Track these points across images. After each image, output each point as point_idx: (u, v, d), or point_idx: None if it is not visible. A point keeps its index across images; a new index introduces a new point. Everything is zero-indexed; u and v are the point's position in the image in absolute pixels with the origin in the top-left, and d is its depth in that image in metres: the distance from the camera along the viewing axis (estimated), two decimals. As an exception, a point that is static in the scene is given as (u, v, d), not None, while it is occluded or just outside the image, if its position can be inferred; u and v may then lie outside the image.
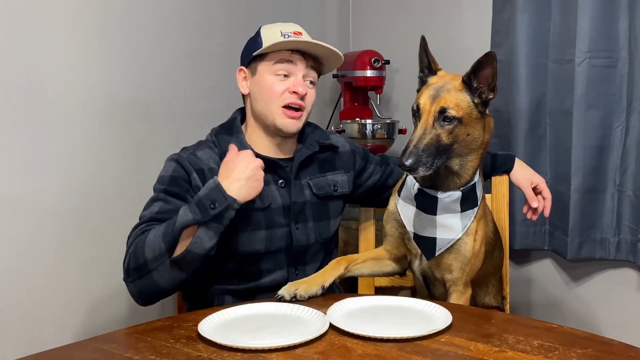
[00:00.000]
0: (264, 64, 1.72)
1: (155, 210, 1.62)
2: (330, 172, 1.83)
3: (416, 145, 1.49)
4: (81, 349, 1.32)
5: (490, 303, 1.87)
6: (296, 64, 1.71)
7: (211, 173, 1.66)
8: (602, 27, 2.21)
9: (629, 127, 2.25)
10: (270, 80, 1.71)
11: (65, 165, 2.02)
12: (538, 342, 1.30)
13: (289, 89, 1.70)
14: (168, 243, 1.51)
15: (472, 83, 1.54)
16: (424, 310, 1.48)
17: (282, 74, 1.71)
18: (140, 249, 1.53)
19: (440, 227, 1.61)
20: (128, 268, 1.56)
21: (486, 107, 1.58)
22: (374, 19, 3.03)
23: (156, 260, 1.52)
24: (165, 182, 1.67)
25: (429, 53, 1.61)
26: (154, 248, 1.52)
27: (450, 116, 1.51)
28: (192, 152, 1.72)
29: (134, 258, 1.55)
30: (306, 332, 1.32)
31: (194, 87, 2.41)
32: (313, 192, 1.78)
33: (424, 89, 1.58)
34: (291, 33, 1.71)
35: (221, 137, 1.75)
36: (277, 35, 1.70)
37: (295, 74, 1.72)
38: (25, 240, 1.93)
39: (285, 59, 1.71)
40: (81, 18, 2.03)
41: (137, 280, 1.55)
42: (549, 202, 1.86)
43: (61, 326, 2.00)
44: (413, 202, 1.64)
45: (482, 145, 1.60)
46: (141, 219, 1.64)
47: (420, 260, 1.70)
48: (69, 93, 2.02)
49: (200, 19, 2.42)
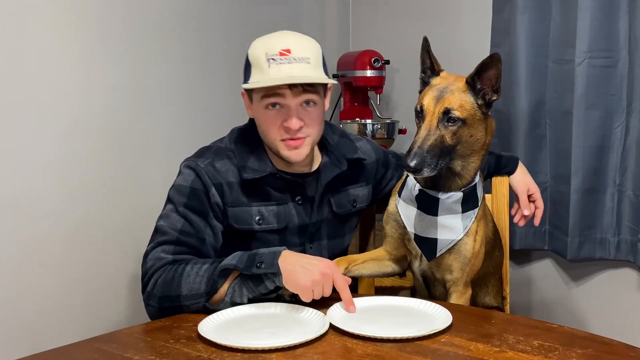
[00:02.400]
0: (255, 95, 1.61)
1: (178, 228, 1.56)
2: (352, 186, 1.78)
3: (420, 146, 1.49)
4: (81, 349, 1.32)
5: (490, 303, 1.87)
6: (285, 96, 1.56)
7: (230, 188, 1.62)
8: (602, 27, 2.21)
9: (629, 127, 2.25)
10: (263, 115, 1.60)
11: (66, 166, 2.02)
12: (538, 342, 1.30)
13: (282, 124, 1.58)
14: (209, 286, 1.45)
15: (476, 84, 1.54)
16: (424, 310, 1.48)
17: (274, 104, 1.58)
18: (174, 282, 1.47)
19: (442, 228, 1.61)
20: (152, 292, 1.50)
21: (489, 108, 1.58)
22: (374, 19, 3.02)
23: (192, 298, 1.46)
24: (185, 194, 1.60)
25: (432, 54, 1.60)
26: (193, 286, 1.46)
27: (455, 117, 1.51)
28: (210, 161, 1.63)
29: (165, 287, 1.48)
30: (306, 332, 1.32)
31: (194, 87, 2.41)
32: (332, 210, 1.74)
33: (427, 90, 1.57)
34: (276, 54, 1.54)
35: (240, 148, 1.66)
36: (262, 62, 1.55)
37: (288, 105, 1.57)
38: (26, 240, 1.93)
39: (272, 93, 1.56)
40: (82, 17, 2.03)
41: (163, 309, 1.49)
42: (540, 212, 1.86)
43: (61, 326, 2.00)
44: (414, 203, 1.63)
45: (484, 146, 1.60)
46: (160, 231, 1.57)
47: (420, 261, 1.70)
48: (70, 93, 2.02)
49: (199, 19, 2.41)
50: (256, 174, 1.63)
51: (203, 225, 1.58)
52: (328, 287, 1.44)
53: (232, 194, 1.62)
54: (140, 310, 1.70)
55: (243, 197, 1.63)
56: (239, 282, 1.47)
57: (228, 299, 1.46)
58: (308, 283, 1.41)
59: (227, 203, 1.62)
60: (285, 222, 1.67)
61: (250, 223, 1.64)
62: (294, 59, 1.56)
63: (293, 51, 1.56)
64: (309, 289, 1.42)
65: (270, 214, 1.65)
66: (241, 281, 1.47)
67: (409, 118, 2.79)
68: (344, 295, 1.45)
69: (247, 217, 1.64)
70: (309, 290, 1.42)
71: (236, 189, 1.63)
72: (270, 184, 1.65)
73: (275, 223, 1.65)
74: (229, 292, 1.46)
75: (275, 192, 1.66)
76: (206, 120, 2.43)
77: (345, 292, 1.45)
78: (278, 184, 1.66)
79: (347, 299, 1.45)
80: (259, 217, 1.64)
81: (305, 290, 1.42)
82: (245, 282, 1.47)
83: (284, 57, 1.55)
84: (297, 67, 1.56)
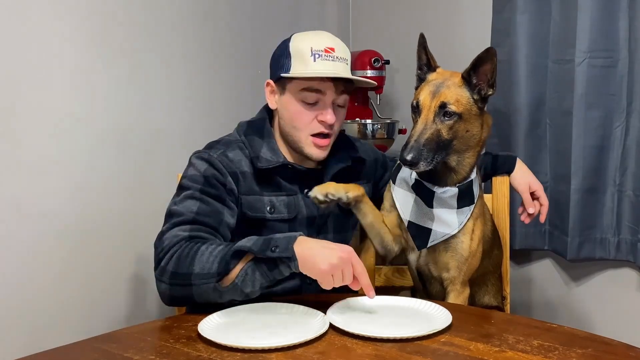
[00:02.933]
0: (292, 86, 1.65)
1: (194, 210, 1.55)
2: (355, 182, 1.80)
3: (417, 140, 1.50)
4: (81, 349, 1.32)
5: (490, 302, 1.87)
6: (325, 93, 1.63)
7: (244, 177, 1.63)
8: (602, 27, 2.21)
9: (629, 127, 2.25)
10: (297, 108, 1.64)
11: (66, 166, 2.02)
12: (538, 342, 1.30)
13: (317, 117, 1.64)
14: (221, 266, 1.43)
15: (472, 79, 1.55)
16: (424, 310, 1.48)
17: (310, 103, 1.64)
18: (188, 258, 1.45)
19: (437, 221, 1.62)
20: (165, 267, 1.47)
21: (485, 103, 1.59)
22: (374, 19, 3.03)
23: (202, 277, 1.43)
24: (199, 182, 1.59)
25: (428, 50, 1.62)
26: (205, 265, 1.43)
27: (451, 111, 1.52)
28: (222, 152, 1.65)
29: (178, 262, 1.46)
30: (306, 332, 1.32)
31: (194, 87, 2.41)
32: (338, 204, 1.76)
33: (423, 85, 1.58)
34: (322, 51, 1.61)
35: (252, 139, 1.68)
36: (307, 55, 1.61)
37: (324, 101, 1.64)
38: (26, 240, 1.93)
39: (314, 88, 1.62)
40: (85, 22, 2.03)
41: (173, 286, 1.47)
42: (545, 209, 1.86)
43: (61, 326, 2.00)
44: (410, 190, 1.64)
45: (480, 142, 1.61)
46: (175, 213, 1.56)
47: (418, 255, 1.70)
48: (71, 93, 2.02)
49: (200, 18, 2.41)
50: (270, 163, 1.65)
51: (220, 207, 1.58)
52: (348, 271, 1.39)
53: (246, 183, 1.64)
54: (140, 310, 1.70)
55: (256, 186, 1.65)
56: (252, 265, 1.43)
57: (239, 282, 1.42)
58: (326, 267, 1.37)
59: (241, 192, 1.64)
60: (295, 212, 1.69)
61: (263, 211, 1.65)
62: (337, 57, 1.63)
63: (336, 50, 1.64)
64: (328, 273, 1.38)
65: (281, 204, 1.67)
66: (255, 265, 1.43)
67: (409, 118, 2.79)
68: (362, 280, 1.41)
69: (260, 205, 1.65)
70: (327, 274, 1.38)
71: (249, 178, 1.64)
72: (281, 175, 1.68)
73: (286, 213, 1.67)
74: (241, 274, 1.42)
75: (285, 183, 1.68)
76: (208, 120, 2.43)
77: (364, 277, 1.41)
78: (288, 174, 1.69)
79: (366, 284, 1.42)
80: (270, 207, 1.66)
81: (324, 274, 1.38)
82: (259, 266, 1.42)
83: (329, 55, 1.62)
84: (340, 65, 1.65)
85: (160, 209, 1.64)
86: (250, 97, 2.37)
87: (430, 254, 1.68)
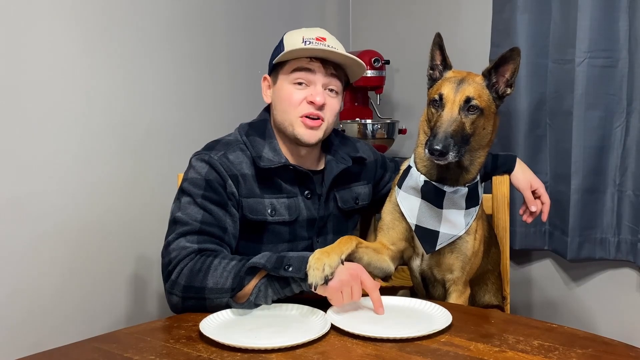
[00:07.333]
0: (284, 70, 1.67)
1: (199, 219, 1.56)
2: (355, 183, 1.82)
3: (445, 131, 1.50)
4: (81, 349, 1.32)
5: (490, 301, 1.87)
6: (315, 73, 1.65)
7: (244, 180, 1.63)
8: (602, 27, 2.21)
9: (629, 127, 2.25)
10: (288, 90, 1.66)
11: (66, 166, 2.02)
12: (538, 342, 1.30)
13: (307, 99, 1.64)
14: (235, 282, 1.44)
15: (492, 77, 1.57)
16: (424, 310, 1.48)
17: (300, 83, 1.65)
18: (201, 273, 1.46)
19: (445, 222, 1.62)
20: (176, 281, 1.48)
21: (502, 102, 1.61)
22: (374, 19, 3.03)
23: (216, 292, 1.45)
24: (201, 187, 1.59)
25: (444, 49, 1.63)
26: (219, 280, 1.45)
27: (475, 105, 1.53)
28: (223, 153, 1.64)
29: (191, 276, 1.47)
30: (306, 332, 1.32)
31: (194, 87, 2.41)
32: (338, 205, 1.77)
33: (443, 81, 1.59)
34: (313, 39, 1.64)
35: (253, 139, 1.69)
36: (298, 42, 1.63)
37: (315, 83, 1.65)
38: (26, 240, 1.93)
39: (303, 67, 1.64)
40: (85, 19, 2.03)
41: (186, 299, 1.48)
42: (547, 207, 1.86)
43: (61, 326, 2.00)
44: (418, 194, 1.64)
45: (490, 142, 1.63)
46: (180, 221, 1.56)
47: (421, 260, 1.70)
48: (72, 93, 2.02)
49: (200, 18, 2.42)
50: (272, 163, 1.65)
51: (223, 215, 1.58)
52: (357, 288, 1.44)
53: (246, 185, 1.64)
54: (140, 310, 1.70)
55: (256, 188, 1.65)
56: (266, 282, 1.45)
57: (253, 299, 1.44)
58: (336, 284, 1.41)
59: (242, 194, 1.63)
60: (296, 214, 1.69)
61: (264, 214, 1.65)
62: (328, 45, 1.65)
63: (328, 40, 1.67)
64: (337, 289, 1.41)
65: (281, 206, 1.67)
66: (268, 282, 1.45)
67: (409, 118, 2.79)
68: (373, 296, 1.45)
69: (261, 208, 1.65)
70: (337, 291, 1.42)
71: (250, 180, 1.64)
72: (282, 176, 1.68)
73: (287, 215, 1.67)
74: (255, 291, 1.44)
75: (286, 185, 1.68)
76: (208, 120, 2.43)
77: (375, 293, 1.45)
78: (289, 176, 1.68)
79: (377, 300, 1.45)
80: (271, 209, 1.66)
81: (334, 291, 1.42)
82: (272, 283, 1.45)
83: (320, 42, 1.65)
84: (330, 51, 1.65)
85: (160, 209, 1.64)
86: (250, 96, 2.37)
87: (433, 257, 1.68)
